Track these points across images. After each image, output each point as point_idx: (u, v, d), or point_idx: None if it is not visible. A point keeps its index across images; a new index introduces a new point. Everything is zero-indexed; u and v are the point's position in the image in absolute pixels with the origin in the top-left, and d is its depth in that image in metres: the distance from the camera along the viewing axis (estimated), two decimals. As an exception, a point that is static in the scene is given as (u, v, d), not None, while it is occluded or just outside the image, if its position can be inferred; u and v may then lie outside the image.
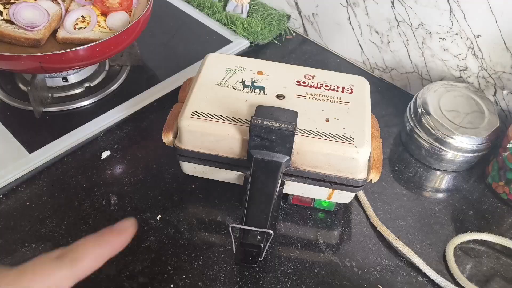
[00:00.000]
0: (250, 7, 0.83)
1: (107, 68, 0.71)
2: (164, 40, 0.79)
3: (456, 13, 0.62)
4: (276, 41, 0.81)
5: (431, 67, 0.69)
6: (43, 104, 0.64)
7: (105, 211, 0.53)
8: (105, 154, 0.60)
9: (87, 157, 0.59)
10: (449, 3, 0.62)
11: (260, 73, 0.54)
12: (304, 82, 0.53)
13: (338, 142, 0.47)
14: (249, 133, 0.45)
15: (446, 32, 0.65)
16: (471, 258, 0.52)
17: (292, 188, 0.52)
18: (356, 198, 0.57)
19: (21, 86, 0.67)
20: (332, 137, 0.47)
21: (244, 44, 0.79)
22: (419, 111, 0.60)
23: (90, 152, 0.60)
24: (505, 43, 0.60)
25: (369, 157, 0.50)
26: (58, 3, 0.64)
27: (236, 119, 0.48)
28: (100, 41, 0.57)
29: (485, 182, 0.61)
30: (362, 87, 0.54)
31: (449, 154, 0.59)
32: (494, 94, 0.65)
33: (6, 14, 0.61)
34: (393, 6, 0.68)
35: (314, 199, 0.53)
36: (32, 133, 0.61)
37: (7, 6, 0.61)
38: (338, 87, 0.53)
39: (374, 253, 0.52)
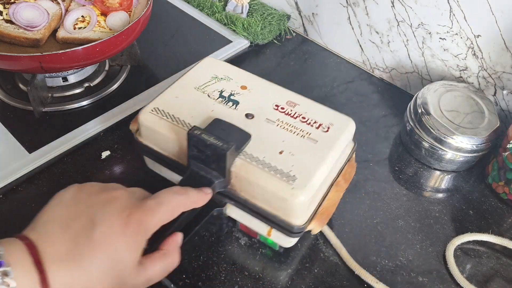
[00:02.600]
0: (250, 7, 0.83)
1: (107, 68, 0.71)
2: (164, 40, 0.79)
3: (456, 13, 0.62)
4: (276, 41, 0.81)
5: (431, 67, 0.69)
6: (43, 104, 0.64)
7: (105, 211, 0.53)
8: (105, 154, 0.60)
9: (87, 157, 0.59)
10: (449, 3, 0.62)
11: (244, 87, 0.52)
12: (282, 108, 0.50)
13: (276, 178, 0.43)
14: (187, 142, 0.44)
15: (446, 32, 0.65)
16: (471, 258, 0.52)
17: (235, 213, 0.48)
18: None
19: (21, 86, 0.67)
20: (273, 170, 0.44)
21: (244, 44, 0.79)
22: (419, 111, 0.60)
23: (90, 152, 0.60)
24: (505, 43, 0.60)
25: (318, 205, 0.46)
26: (58, 3, 0.64)
27: (189, 126, 0.47)
28: (100, 41, 0.57)
29: (485, 182, 0.61)
30: (342, 128, 0.49)
31: (449, 154, 0.59)
32: (494, 94, 0.65)
33: (6, 14, 0.61)
34: (393, 6, 0.68)
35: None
36: (32, 133, 0.61)
37: (7, 6, 0.61)
38: (315, 122, 0.49)
39: (374, 253, 0.52)
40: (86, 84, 0.68)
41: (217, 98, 0.51)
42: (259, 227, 0.48)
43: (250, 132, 0.46)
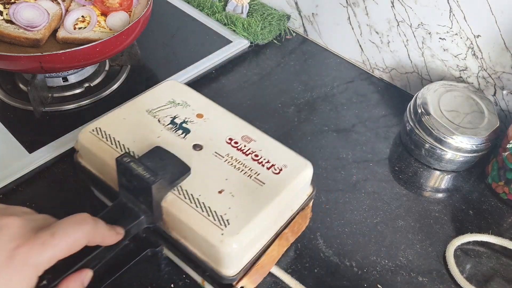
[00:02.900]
0: (250, 7, 0.83)
1: (107, 68, 0.71)
2: (164, 40, 0.79)
3: (456, 13, 0.62)
4: (276, 41, 0.81)
5: (431, 67, 0.69)
6: (43, 104, 0.64)
7: (105, 211, 0.53)
8: (105, 154, 0.59)
9: (87, 157, 0.59)
10: (449, 3, 0.62)
11: (200, 115, 0.49)
12: (236, 143, 0.47)
13: (208, 220, 0.39)
14: (116, 170, 0.40)
15: (446, 32, 0.65)
16: (471, 259, 0.52)
17: (171, 254, 0.46)
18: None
19: (21, 86, 0.67)
20: (206, 211, 0.40)
21: (244, 44, 0.79)
22: (419, 111, 0.60)
23: (90, 152, 0.60)
24: (505, 43, 0.60)
25: (255, 257, 0.42)
26: (58, 3, 0.64)
27: (128, 151, 0.44)
28: (100, 41, 0.57)
29: (485, 182, 0.61)
30: (297, 172, 0.45)
31: (449, 154, 0.59)
32: (494, 94, 0.65)
33: (6, 14, 0.61)
34: (393, 6, 0.68)
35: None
36: (32, 133, 0.61)
37: (7, 6, 0.61)
38: (267, 162, 0.45)
39: (374, 253, 0.52)
40: (86, 84, 0.68)
41: (167, 124, 0.48)
42: (194, 273, 0.45)
43: (192, 165, 0.42)
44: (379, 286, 0.49)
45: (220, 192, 0.41)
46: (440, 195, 0.60)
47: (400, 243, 0.53)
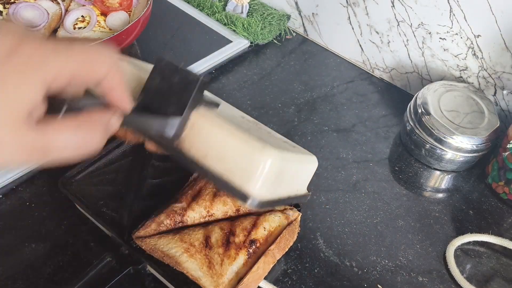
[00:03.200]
0: (250, 7, 0.83)
1: (107, 68, 0.71)
2: (164, 40, 0.79)
3: (456, 13, 0.62)
4: (276, 41, 0.81)
5: (431, 67, 0.69)
6: (43, 104, 0.63)
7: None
8: (105, 154, 0.59)
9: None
10: (449, 3, 0.62)
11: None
12: (248, 120, 0.47)
13: (245, 134, 0.37)
14: (153, 68, 0.37)
15: (446, 32, 0.65)
16: (471, 259, 0.52)
17: (154, 271, 0.44)
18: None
19: (21, 86, 0.67)
20: (242, 130, 0.37)
21: (244, 44, 0.79)
22: (419, 111, 0.60)
23: (90, 152, 0.60)
24: (505, 43, 0.60)
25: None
26: (58, 3, 0.64)
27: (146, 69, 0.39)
28: (100, 41, 0.57)
29: (485, 182, 0.61)
30: (308, 154, 0.46)
31: (449, 154, 0.59)
32: (494, 94, 0.65)
33: (6, 14, 0.61)
34: (393, 6, 0.68)
35: None
36: (32, 133, 0.61)
37: (7, 6, 0.61)
38: (282, 138, 0.47)
39: (374, 253, 0.52)
40: (86, 84, 0.68)
41: None
42: None
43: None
44: (379, 286, 0.49)
45: (248, 130, 0.39)
46: (440, 195, 0.60)
47: (400, 243, 0.53)
